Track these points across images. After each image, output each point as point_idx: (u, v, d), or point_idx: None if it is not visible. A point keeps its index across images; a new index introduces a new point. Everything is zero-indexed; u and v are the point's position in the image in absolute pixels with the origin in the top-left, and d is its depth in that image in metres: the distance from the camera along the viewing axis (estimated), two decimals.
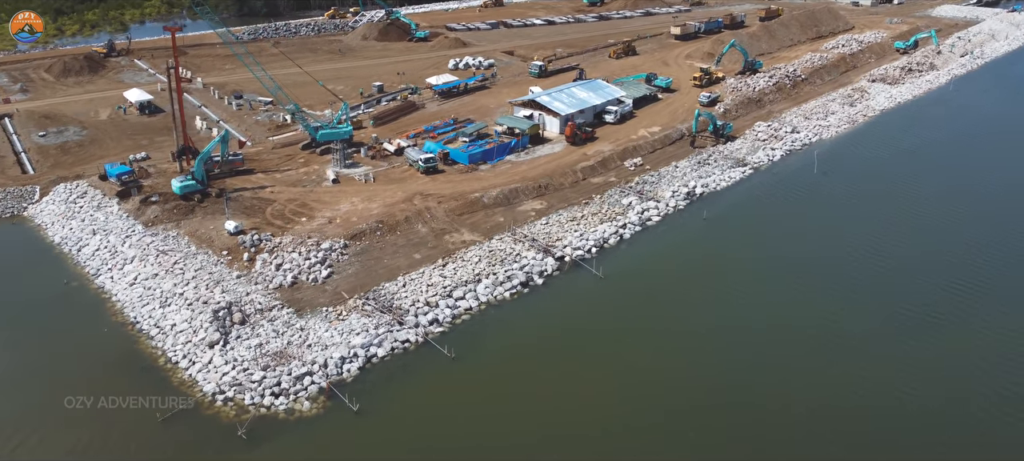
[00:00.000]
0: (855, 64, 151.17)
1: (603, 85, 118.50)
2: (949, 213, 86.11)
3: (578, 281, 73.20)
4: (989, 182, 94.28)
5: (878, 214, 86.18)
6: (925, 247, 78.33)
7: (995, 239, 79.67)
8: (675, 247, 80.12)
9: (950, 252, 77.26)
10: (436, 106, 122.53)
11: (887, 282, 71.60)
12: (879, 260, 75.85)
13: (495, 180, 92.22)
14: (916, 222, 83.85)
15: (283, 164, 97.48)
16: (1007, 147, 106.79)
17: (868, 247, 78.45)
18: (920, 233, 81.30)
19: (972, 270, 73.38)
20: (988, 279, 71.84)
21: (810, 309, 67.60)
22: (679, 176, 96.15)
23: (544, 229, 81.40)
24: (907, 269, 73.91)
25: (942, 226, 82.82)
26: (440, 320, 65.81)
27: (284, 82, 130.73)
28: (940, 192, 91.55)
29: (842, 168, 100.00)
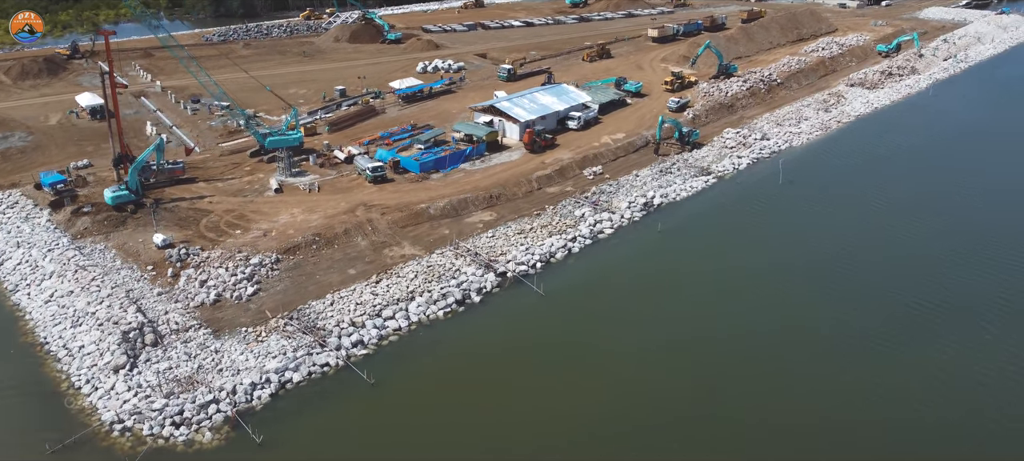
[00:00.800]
0: (835, 68, 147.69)
1: (568, 90, 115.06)
2: (915, 224, 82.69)
3: (518, 299, 69.75)
4: (959, 190, 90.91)
5: (841, 225, 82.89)
6: (890, 259, 75.00)
7: (961, 250, 76.08)
8: (624, 261, 76.70)
9: (914, 264, 73.89)
10: (397, 111, 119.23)
11: (846, 296, 68.23)
12: (839, 273, 72.47)
13: (445, 190, 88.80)
14: (881, 233, 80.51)
15: (228, 172, 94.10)
16: (980, 154, 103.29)
17: (828, 260, 75.18)
18: (885, 245, 77.89)
19: (936, 284, 69.87)
20: (952, 294, 68.25)
21: (760, 326, 64.20)
22: (639, 185, 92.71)
23: (489, 242, 77.97)
24: (868, 282, 70.55)
25: (907, 237, 79.41)
26: (365, 342, 62.41)
27: (245, 86, 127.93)
28: (908, 202, 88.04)
29: (808, 177, 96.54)
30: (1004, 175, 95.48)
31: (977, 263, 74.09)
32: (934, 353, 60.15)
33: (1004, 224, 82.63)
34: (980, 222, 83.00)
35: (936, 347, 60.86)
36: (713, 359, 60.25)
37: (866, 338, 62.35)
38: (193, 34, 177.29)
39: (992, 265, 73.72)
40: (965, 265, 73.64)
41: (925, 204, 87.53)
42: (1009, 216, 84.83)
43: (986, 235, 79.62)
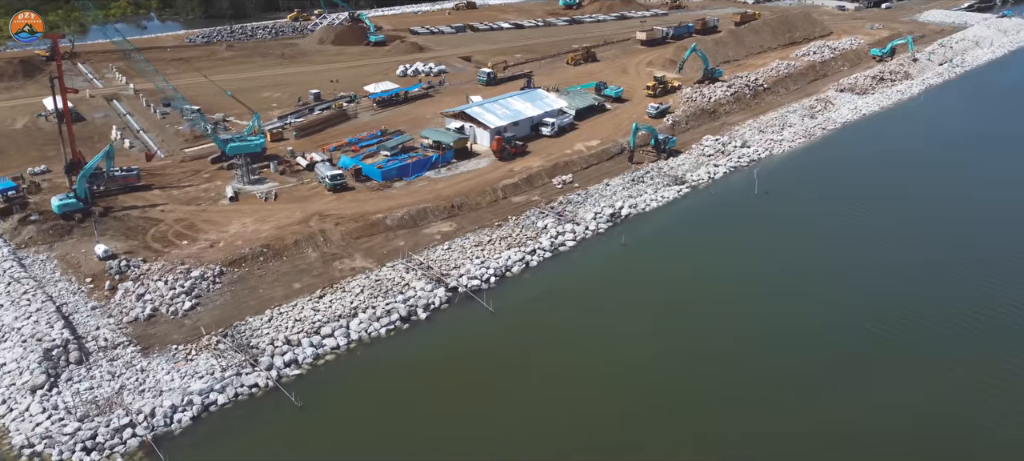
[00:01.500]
0: (825, 72, 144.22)
1: (543, 95, 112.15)
2: (889, 238, 79.30)
3: (466, 316, 66.93)
4: (939, 202, 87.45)
5: (814, 239, 79.78)
6: (861, 274, 71.74)
7: (935, 263, 72.82)
8: (583, 277, 73.79)
9: (884, 279, 70.63)
10: (370, 116, 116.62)
11: (812, 314, 65.20)
12: (807, 290, 69.38)
13: (406, 199, 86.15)
14: (853, 247, 77.30)
15: (186, 179, 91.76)
16: (965, 164, 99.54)
17: (798, 275, 72.10)
18: (857, 260, 74.58)
19: (907, 300, 66.65)
20: (925, 310, 65.07)
21: (718, 345, 61.32)
22: (608, 195, 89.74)
23: (444, 255, 75.23)
24: (837, 299, 67.37)
25: (880, 251, 75.95)
26: (299, 361, 59.77)
27: (224, 87, 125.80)
28: (884, 215, 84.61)
29: (785, 187, 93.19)
30: (986, 186, 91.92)
31: (952, 276, 71.24)
32: (902, 375, 57.11)
33: (981, 236, 79.26)
34: (957, 234, 79.88)
35: (904, 369, 57.84)
36: (666, 381, 57.54)
37: (831, 357, 59.46)
38: (177, 35, 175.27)
39: (967, 278, 70.72)
40: (938, 279, 70.78)
41: (901, 217, 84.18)
42: (986, 228, 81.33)
43: (963, 248, 76.48)
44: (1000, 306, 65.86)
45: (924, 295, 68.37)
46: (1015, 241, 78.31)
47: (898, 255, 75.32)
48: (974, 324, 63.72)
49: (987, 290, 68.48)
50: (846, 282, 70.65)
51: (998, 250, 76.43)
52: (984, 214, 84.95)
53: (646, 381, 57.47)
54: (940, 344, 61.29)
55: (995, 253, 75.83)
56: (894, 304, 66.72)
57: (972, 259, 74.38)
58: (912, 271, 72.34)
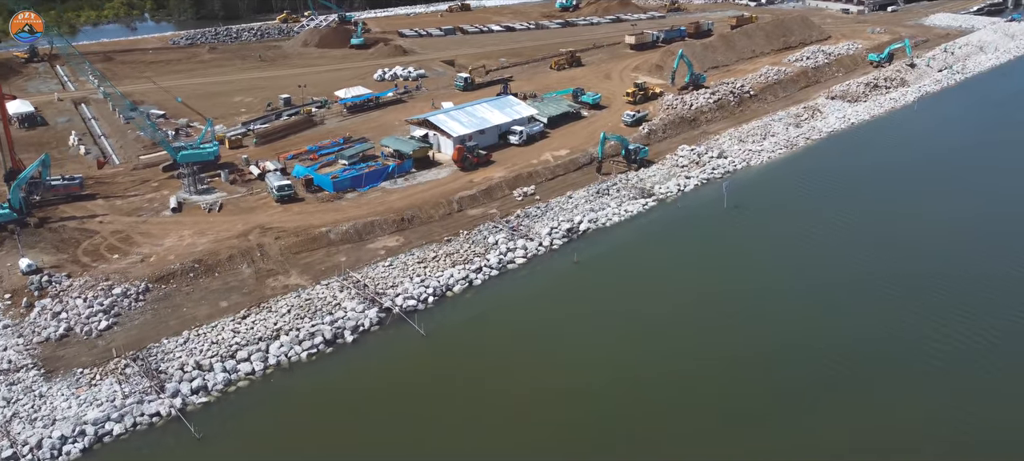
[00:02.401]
0: (818, 79, 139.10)
1: (513, 102, 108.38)
2: (860, 258, 74.45)
3: (395, 339, 63.40)
4: (917, 221, 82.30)
5: (781, 258, 75.36)
6: (827, 295, 67.24)
7: (904, 287, 68.15)
8: (528, 297, 69.99)
9: (850, 301, 66.16)
10: (338, 122, 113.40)
11: (773, 338, 61.27)
12: (767, 314, 65.09)
13: (356, 211, 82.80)
14: (821, 267, 72.66)
15: (134, 188, 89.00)
16: (951, 179, 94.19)
17: (760, 298, 67.76)
18: (825, 279, 70.09)
19: (870, 326, 62.20)
20: (886, 337, 60.63)
21: (666, 374, 57.48)
22: (569, 209, 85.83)
23: (385, 273, 71.72)
24: (797, 322, 63.04)
25: (849, 272, 71.25)
26: (209, 388, 56.51)
27: (192, 93, 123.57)
28: (857, 232, 79.89)
29: (758, 200, 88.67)
30: (966, 199, 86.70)
31: (924, 292, 66.75)
32: (862, 410, 52.77)
33: (956, 251, 74.39)
34: (931, 250, 75.05)
35: (865, 404, 53.50)
36: (606, 412, 53.66)
37: (791, 383, 55.52)
38: (162, 37, 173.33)
39: (940, 293, 66.24)
40: (908, 295, 66.16)
41: (872, 233, 79.38)
42: (962, 243, 76.39)
43: (937, 263, 71.85)
44: (974, 323, 61.38)
45: (890, 313, 64.01)
46: (993, 256, 73.30)
47: (865, 272, 70.92)
48: (950, 343, 59.46)
49: (962, 306, 64.05)
50: (810, 301, 66.57)
51: (974, 265, 71.77)
52: (960, 228, 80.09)
53: (583, 413, 53.77)
54: (914, 366, 56.89)
55: (970, 267, 71.27)
56: (859, 324, 62.47)
57: (945, 273, 69.82)
58: (878, 287, 67.96)
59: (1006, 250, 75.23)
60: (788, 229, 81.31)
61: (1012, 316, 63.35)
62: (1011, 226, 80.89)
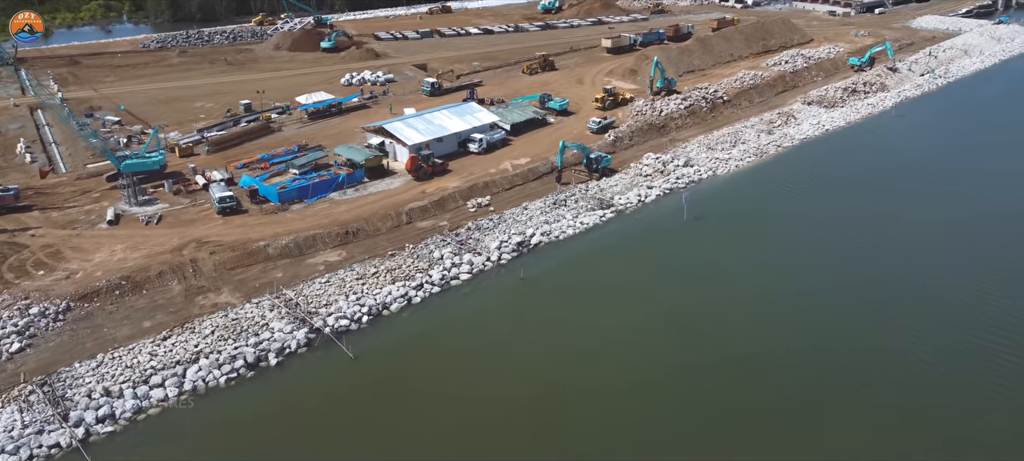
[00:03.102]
0: (796, 83, 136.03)
1: (474, 109, 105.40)
2: (820, 274, 71.40)
3: (323, 362, 60.48)
4: (882, 231, 79.20)
5: (738, 274, 72.00)
6: (781, 317, 64.21)
7: (863, 300, 65.16)
8: (468, 315, 67.08)
9: (806, 322, 63.16)
10: (296, 129, 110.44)
11: (727, 360, 58.15)
12: (720, 337, 62.01)
13: (299, 224, 79.85)
14: (778, 285, 69.44)
15: (73, 199, 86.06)
16: (921, 187, 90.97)
17: (714, 318, 64.73)
18: (781, 301, 66.99)
19: (826, 351, 59.22)
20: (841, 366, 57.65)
21: (612, 398, 54.46)
22: (523, 221, 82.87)
23: (320, 290, 68.75)
24: (752, 346, 59.94)
25: (807, 290, 68.21)
26: (116, 416, 53.54)
27: (155, 97, 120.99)
28: (819, 246, 76.98)
29: (721, 212, 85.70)
30: (936, 212, 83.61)
31: (882, 311, 63.84)
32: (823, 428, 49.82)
33: (916, 266, 71.26)
34: (894, 264, 71.95)
35: (825, 422, 50.57)
36: (539, 437, 50.79)
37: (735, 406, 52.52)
38: (133, 40, 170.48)
39: (899, 313, 63.12)
40: (866, 315, 63.18)
41: (837, 248, 76.40)
42: (924, 257, 73.22)
43: (897, 278, 68.83)
44: (939, 336, 58.42)
45: (849, 327, 61.20)
46: (956, 266, 70.28)
47: (823, 286, 68.02)
48: (911, 356, 56.72)
49: (927, 318, 61.18)
50: (764, 316, 63.67)
51: (937, 275, 69.05)
52: (926, 237, 77.23)
53: (516, 439, 50.72)
54: (873, 384, 54.00)
55: (933, 278, 68.56)
56: (814, 340, 59.51)
57: (908, 284, 66.99)
58: (837, 301, 65.00)
59: (969, 260, 72.17)
60: (748, 243, 78.36)
61: (978, 328, 60.36)
62: (976, 235, 77.68)
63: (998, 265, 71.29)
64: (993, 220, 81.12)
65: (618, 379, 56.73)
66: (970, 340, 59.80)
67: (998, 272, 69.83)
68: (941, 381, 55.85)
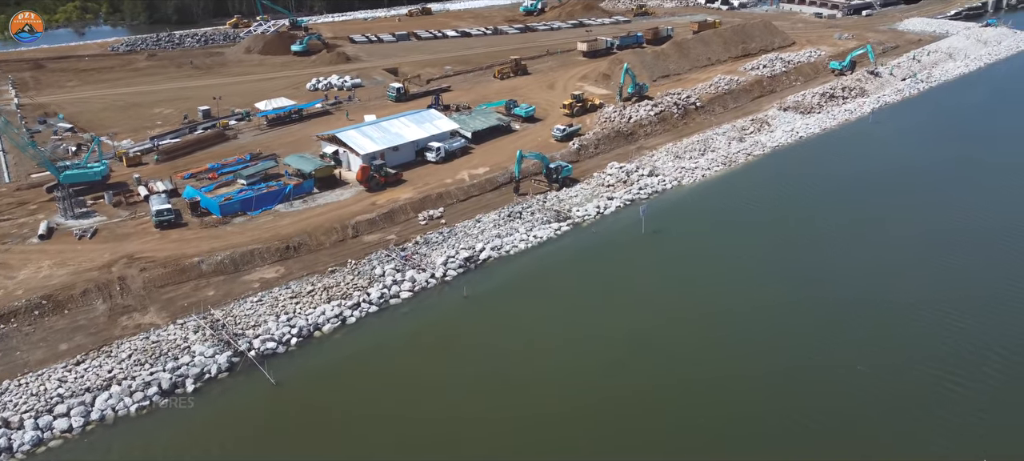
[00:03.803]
0: (774, 88, 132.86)
1: (433, 116, 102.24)
2: (778, 293, 68.20)
3: (243, 389, 57.45)
4: (844, 248, 76.08)
5: (693, 297, 68.79)
6: (729, 342, 61.36)
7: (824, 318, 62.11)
8: (404, 336, 64.19)
9: (758, 350, 60.21)
10: (253, 137, 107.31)
11: (669, 385, 55.40)
12: (672, 354, 59.31)
13: (239, 238, 76.74)
14: (731, 307, 66.27)
15: (10, 211, 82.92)
16: (890, 200, 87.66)
17: (661, 339, 61.75)
18: (729, 323, 64.05)
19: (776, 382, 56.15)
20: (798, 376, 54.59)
21: (545, 424, 51.55)
22: (474, 234, 79.76)
23: (251, 310, 65.72)
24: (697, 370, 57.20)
25: (765, 322, 64.91)
26: (13, 449, 50.37)
27: (113, 104, 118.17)
28: (779, 266, 73.56)
29: (678, 226, 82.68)
30: (903, 226, 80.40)
31: (837, 333, 60.77)
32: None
33: (875, 286, 68.14)
34: (852, 282, 68.88)
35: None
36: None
37: (684, 449, 49.20)
38: (102, 43, 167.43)
39: (854, 335, 60.00)
40: (818, 337, 60.06)
41: (795, 265, 73.22)
42: (883, 276, 70.04)
43: (854, 297, 65.79)
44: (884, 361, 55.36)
45: (801, 349, 58.01)
46: (913, 287, 67.16)
47: (778, 304, 64.93)
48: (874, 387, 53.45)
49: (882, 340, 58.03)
50: (714, 337, 60.68)
51: (895, 294, 65.92)
52: (888, 255, 74.19)
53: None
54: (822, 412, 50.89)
55: (891, 297, 65.45)
56: (766, 361, 56.34)
57: (866, 304, 63.86)
58: (790, 322, 61.90)
59: (932, 276, 69.02)
60: (706, 258, 75.48)
61: (942, 347, 57.31)
62: (941, 249, 74.55)
63: (962, 281, 68.23)
64: (959, 234, 78.07)
65: (556, 405, 53.87)
66: (933, 359, 56.72)
67: (962, 288, 66.85)
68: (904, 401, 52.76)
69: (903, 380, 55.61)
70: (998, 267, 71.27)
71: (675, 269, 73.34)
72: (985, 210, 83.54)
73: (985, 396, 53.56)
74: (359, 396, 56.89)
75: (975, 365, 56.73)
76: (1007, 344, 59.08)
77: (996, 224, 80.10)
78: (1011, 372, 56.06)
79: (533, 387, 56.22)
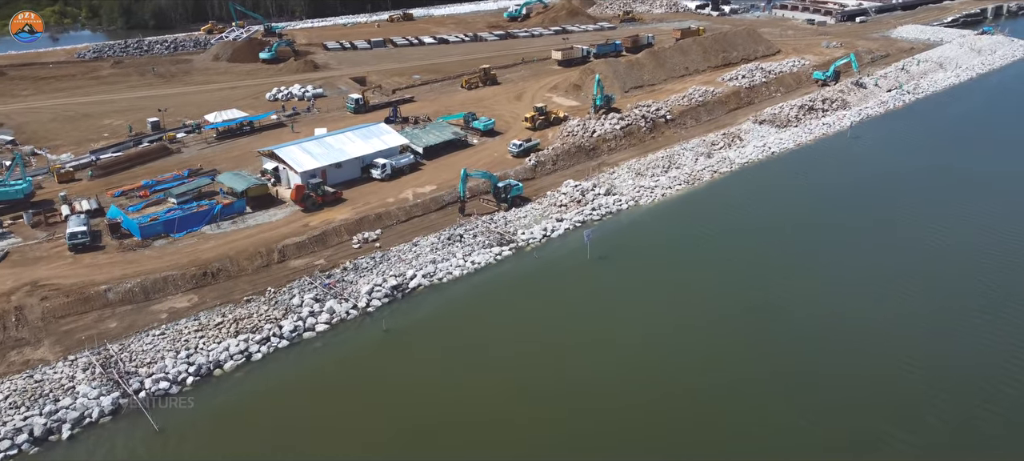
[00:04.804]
0: (752, 99, 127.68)
1: (383, 130, 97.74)
2: (725, 338, 63.27)
3: (125, 435, 53.20)
4: (798, 281, 70.89)
5: (635, 331, 63.89)
6: (667, 381, 56.60)
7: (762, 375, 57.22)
8: (309, 377, 59.62)
9: (697, 403, 55.30)
10: (199, 150, 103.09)
11: (594, 434, 50.36)
12: (604, 402, 54.47)
13: (155, 263, 72.43)
14: (678, 350, 61.48)
15: None
16: (855, 227, 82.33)
17: (595, 381, 56.90)
18: (677, 373, 59.33)
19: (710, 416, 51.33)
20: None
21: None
22: (409, 259, 75.15)
23: (152, 344, 61.19)
24: (625, 419, 52.35)
25: (706, 358, 60.41)
26: None
27: (67, 113, 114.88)
28: (728, 300, 68.53)
29: (627, 252, 77.89)
30: (862, 261, 75.06)
31: (780, 377, 55.53)
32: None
33: (818, 329, 62.99)
34: (801, 319, 63.68)
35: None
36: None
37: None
38: (69, 50, 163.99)
39: (801, 387, 54.96)
40: (762, 379, 54.97)
41: (745, 300, 68.01)
42: (828, 313, 64.87)
43: (794, 348, 60.58)
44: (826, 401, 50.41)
45: (741, 393, 52.98)
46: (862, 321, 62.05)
47: (720, 340, 59.95)
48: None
49: (824, 384, 52.99)
50: (654, 380, 55.82)
51: (838, 330, 60.76)
52: (832, 289, 68.81)
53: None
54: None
55: (834, 333, 60.21)
56: (702, 409, 51.44)
57: (802, 346, 58.79)
58: (731, 358, 56.80)
59: (889, 313, 63.78)
60: (652, 288, 70.67)
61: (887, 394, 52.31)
62: (900, 285, 69.27)
63: (916, 317, 63.10)
64: (922, 262, 72.84)
65: (470, 455, 48.88)
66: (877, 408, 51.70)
67: (919, 328, 61.70)
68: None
69: (845, 425, 50.63)
70: (957, 299, 66.07)
71: (615, 302, 68.44)
72: (952, 236, 78.22)
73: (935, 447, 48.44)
74: (250, 446, 52.18)
75: (922, 411, 51.68)
76: (959, 392, 54.01)
77: (960, 249, 74.85)
78: (961, 416, 50.97)
79: (445, 435, 51.48)
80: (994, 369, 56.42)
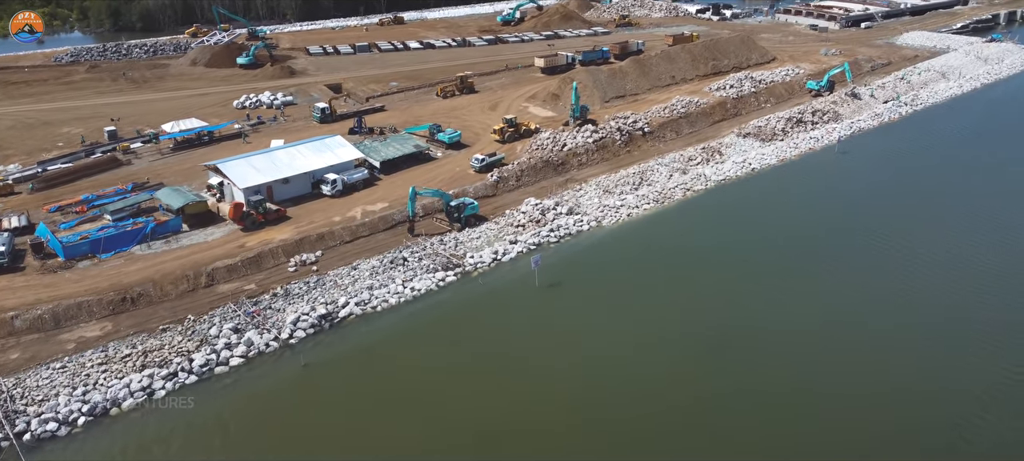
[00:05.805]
0: (739, 110, 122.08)
1: (337, 144, 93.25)
2: (671, 382, 58.09)
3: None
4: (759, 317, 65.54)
5: (579, 370, 58.98)
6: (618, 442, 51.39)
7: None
8: (213, 420, 55.06)
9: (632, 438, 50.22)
10: (151, 162, 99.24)
11: None
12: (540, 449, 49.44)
13: (73, 287, 68.47)
14: (626, 397, 56.56)
15: None
16: (827, 255, 76.61)
17: (532, 424, 52.68)
18: (622, 421, 54.32)
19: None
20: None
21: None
22: (344, 285, 70.63)
23: (48, 378, 57.06)
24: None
25: (654, 405, 55.31)
26: None
27: (26, 120, 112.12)
28: (685, 342, 63.39)
29: (578, 279, 72.87)
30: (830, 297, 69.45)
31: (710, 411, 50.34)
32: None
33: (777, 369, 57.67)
34: (754, 372, 58.38)
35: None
36: None
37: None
38: (46, 53, 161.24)
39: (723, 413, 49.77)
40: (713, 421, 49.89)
41: (703, 337, 62.82)
42: (780, 359, 59.51)
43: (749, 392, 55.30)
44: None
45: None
46: (819, 371, 56.67)
47: (669, 380, 54.72)
48: None
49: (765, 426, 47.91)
50: (598, 423, 50.75)
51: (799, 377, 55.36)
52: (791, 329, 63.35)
53: None
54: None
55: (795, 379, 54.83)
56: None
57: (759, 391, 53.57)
58: (680, 400, 51.74)
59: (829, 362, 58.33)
60: (605, 320, 65.42)
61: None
62: (846, 318, 63.68)
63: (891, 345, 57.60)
64: (896, 291, 67.22)
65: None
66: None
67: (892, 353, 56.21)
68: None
69: None
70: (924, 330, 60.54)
71: (559, 334, 63.43)
72: (927, 262, 72.52)
73: None
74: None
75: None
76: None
77: (934, 277, 69.22)
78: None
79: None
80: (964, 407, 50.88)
